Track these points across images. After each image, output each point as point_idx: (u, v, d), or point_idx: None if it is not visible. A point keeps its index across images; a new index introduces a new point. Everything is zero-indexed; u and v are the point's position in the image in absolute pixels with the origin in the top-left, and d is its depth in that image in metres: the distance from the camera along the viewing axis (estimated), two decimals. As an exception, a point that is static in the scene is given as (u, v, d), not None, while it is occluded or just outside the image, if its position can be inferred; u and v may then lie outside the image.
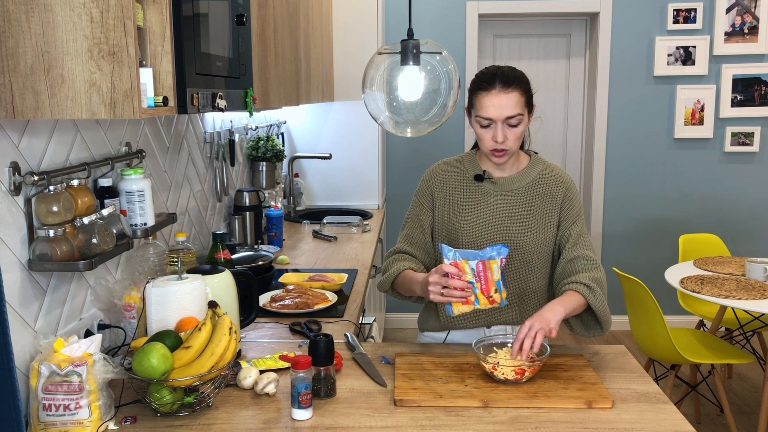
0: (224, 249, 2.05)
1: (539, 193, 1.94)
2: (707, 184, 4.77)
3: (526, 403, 1.56)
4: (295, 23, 2.98)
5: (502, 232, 1.92)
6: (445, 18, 4.68)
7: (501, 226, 1.92)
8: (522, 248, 1.91)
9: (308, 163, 4.28)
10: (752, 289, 3.08)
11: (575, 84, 4.88)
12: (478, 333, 1.98)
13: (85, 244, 1.53)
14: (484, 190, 1.94)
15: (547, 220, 1.93)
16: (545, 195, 1.94)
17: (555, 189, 1.94)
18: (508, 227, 1.92)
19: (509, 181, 1.94)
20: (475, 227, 1.93)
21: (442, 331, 2.04)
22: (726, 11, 4.54)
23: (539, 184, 1.95)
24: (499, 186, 1.94)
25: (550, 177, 1.96)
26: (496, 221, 1.92)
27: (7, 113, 1.30)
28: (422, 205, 2.00)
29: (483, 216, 1.93)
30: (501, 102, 1.80)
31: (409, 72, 1.87)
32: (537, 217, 1.92)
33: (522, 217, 1.92)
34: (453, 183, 1.97)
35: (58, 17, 1.27)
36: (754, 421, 3.56)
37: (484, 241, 1.91)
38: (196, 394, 1.51)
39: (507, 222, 1.92)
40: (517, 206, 1.93)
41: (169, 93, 1.48)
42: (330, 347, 1.60)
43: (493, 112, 1.81)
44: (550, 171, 1.97)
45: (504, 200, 1.93)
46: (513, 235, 1.92)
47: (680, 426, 1.48)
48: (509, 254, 1.83)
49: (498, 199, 1.93)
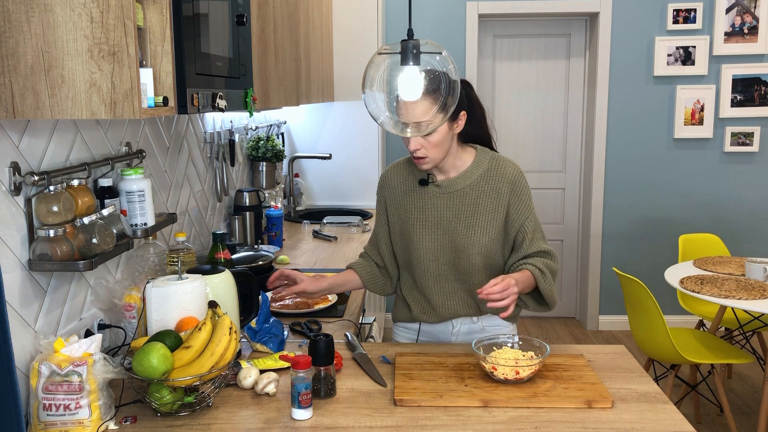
0: (224, 249, 2.05)
1: (484, 192, 1.94)
2: (707, 184, 4.77)
3: (526, 403, 1.56)
4: (295, 23, 2.98)
5: (449, 235, 1.94)
6: (445, 18, 4.68)
7: (448, 229, 1.94)
8: (467, 249, 1.93)
9: (308, 163, 4.28)
10: (752, 289, 3.08)
11: (575, 84, 4.88)
12: (445, 326, 2.05)
13: (85, 244, 1.53)
14: (430, 193, 1.97)
15: (493, 218, 1.93)
16: (490, 192, 1.94)
17: (500, 185, 1.94)
18: (454, 229, 1.94)
19: (452, 183, 1.95)
20: (424, 231, 1.96)
21: (413, 322, 2.09)
22: (726, 11, 4.54)
23: (484, 181, 1.94)
24: (443, 189, 1.95)
25: (495, 173, 1.95)
26: (443, 224, 1.95)
27: (7, 113, 1.30)
28: (380, 210, 2.09)
29: (430, 219, 1.96)
30: (408, 109, 1.73)
31: (409, 72, 1.87)
32: (483, 217, 1.93)
33: (467, 218, 1.94)
34: (401, 188, 2.02)
35: (59, 17, 1.27)
36: (754, 421, 3.56)
37: (434, 245, 1.96)
38: (196, 394, 1.51)
39: (453, 224, 1.94)
40: (462, 207, 1.94)
41: (169, 93, 1.48)
42: (330, 347, 1.60)
43: (402, 117, 1.74)
44: (495, 166, 1.96)
45: (449, 202, 1.95)
46: (459, 236, 1.94)
47: (680, 426, 1.48)
48: (455, 255, 1.95)
49: (443, 201, 1.95)
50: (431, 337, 2.08)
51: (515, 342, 1.78)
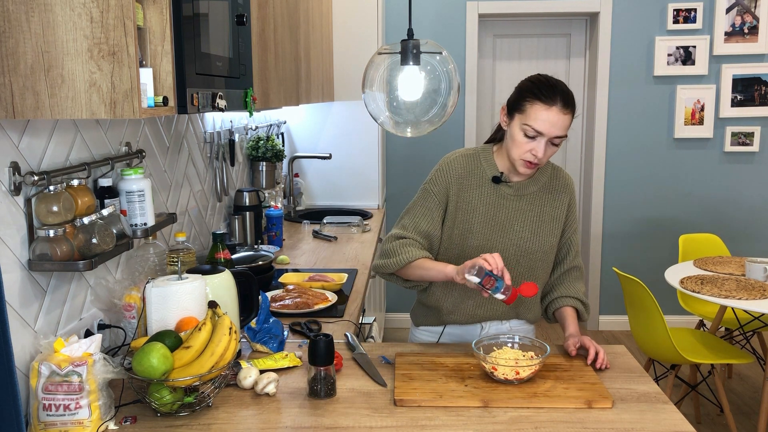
0: (224, 249, 2.05)
1: (548, 199, 1.94)
2: (707, 184, 4.77)
3: (526, 403, 1.56)
4: (295, 23, 2.98)
5: (512, 238, 1.92)
6: (445, 18, 4.68)
7: (512, 231, 1.92)
8: (530, 255, 1.92)
9: (308, 163, 4.28)
10: (752, 289, 3.08)
11: (575, 84, 4.88)
12: (474, 328, 2.01)
13: (85, 244, 1.53)
14: (500, 192, 1.92)
15: (555, 226, 1.95)
16: (554, 200, 1.95)
17: (562, 195, 1.96)
18: (518, 233, 1.92)
19: (524, 185, 1.93)
20: (488, 230, 1.91)
21: (438, 325, 2.04)
22: (726, 11, 4.54)
23: (548, 188, 1.95)
24: (514, 190, 1.92)
25: (557, 182, 1.97)
26: (507, 226, 1.92)
27: (7, 113, 1.30)
28: (435, 196, 1.92)
29: (496, 219, 1.91)
30: (557, 121, 1.77)
31: (409, 72, 1.87)
32: (546, 224, 1.94)
33: (532, 223, 1.92)
34: (470, 180, 1.92)
35: (58, 17, 1.27)
36: (754, 421, 3.56)
37: (494, 245, 1.91)
38: (196, 394, 1.51)
39: (518, 227, 1.92)
40: (528, 211, 1.93)
41: (169, 93, 1.48)
42: (330, 347, 1.60)
43: (546, 128, 1.77)
44: (556, 175, 1.98)
45: (517, 204, 1.92)
46: (523, 241, 1.92)
47: (680, 426, 1.48)
48: (515, 258, 1.91)
49: (512, 202, 1.92)
50: (456, 339, 2.04)
51: (515, 342, 1.78)
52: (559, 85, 1.81)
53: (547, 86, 1.80)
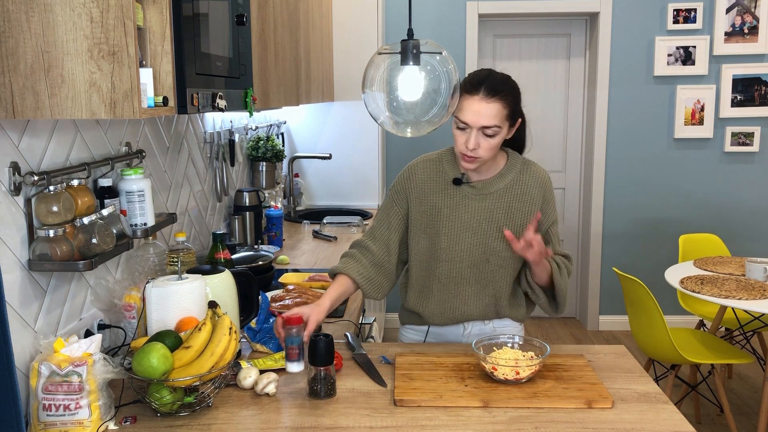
0: (224, 249, 2.05)
1: (517, 195, 1.93)
2: (707, 184, 4.77)
3: (526, 403, 1.56)
4: (295, 23, 2.98)
5: (480, 237, 1.92)
6: (445, 18, 4.68)
7: (479, 231, 1.92)
8: (499, 253, 1.92)
9: (308, 163, 4.28)
10: (752, 289, 3.08)
11: (575, 84, 4.88)
12: (457, 329, 2.02)
13: (85, 244, 1.53)
14: (463, 193, 1.93)
15: (527, 222, 1.92)
16: (523, 197, 1.93)
17: (534, 189, 1.94)
18: (485, 232, 1.92)
19: (487, 185, 1.93)
20: (453, 232, 1.93)
21: (422, 325, 2.06)
22: (726, 11, 4.54)
23: (517, 185, 1.94)
24: (477, 190, 1.93)
25: (527, 177, 1.95)
26: (474, 226, 1.92)
27: (7, 113, 1.30)
28: (395, 203, 1.99)
29: (461, 220, 1.92)
30: (480, 109, 1.78)
31: (409, 72, 1.87)
32: (517, 221, 1.93)
33: (500, 222, 1.92)
34: (431, 185, 1.96)
35: (58, 17, 1.27)
36: (754, 421, 3.56)
37: (461, 247, 1.92)
38: (196, 394, 1.51)
39: (485, 226, 1.92)
40: (495, 209, 1.92)
41: (169, 93, 1.48)
42: (330, 347, 1.60)
43: (470, 117, 1.79)
44: (526, 170, 1.96)
45: (482, 204, 1.92)
46: (490, 240, 1.92)
47: (680, 426, 1.48)
48: (484, 258, 1.92)
49: (476, 202, 1.92)
50: (440, 338, 2.05)
51: (515, 342, 1.78)
52: (487, 75, 1.82)
53: (473, 77, 1.83)
